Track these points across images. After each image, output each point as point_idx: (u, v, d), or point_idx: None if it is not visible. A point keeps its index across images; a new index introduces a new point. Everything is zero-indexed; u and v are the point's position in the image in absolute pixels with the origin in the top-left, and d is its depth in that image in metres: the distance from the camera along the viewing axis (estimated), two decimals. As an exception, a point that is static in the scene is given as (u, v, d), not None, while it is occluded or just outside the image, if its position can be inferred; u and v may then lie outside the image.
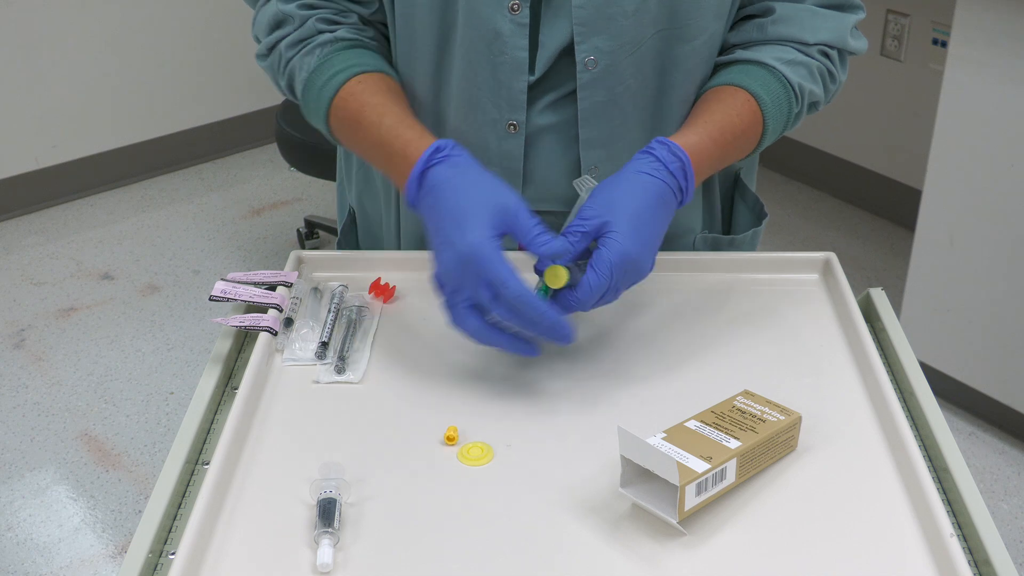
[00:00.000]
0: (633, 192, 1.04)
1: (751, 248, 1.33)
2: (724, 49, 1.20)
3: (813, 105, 1.21)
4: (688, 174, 1.07)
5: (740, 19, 1.20)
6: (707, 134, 1.11)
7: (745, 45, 1.19)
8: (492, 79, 1.14)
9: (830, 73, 1.20)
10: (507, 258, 0.99)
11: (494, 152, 1.17)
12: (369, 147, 1.15)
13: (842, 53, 1.21)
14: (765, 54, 1.16)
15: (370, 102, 1.14)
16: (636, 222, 1.02)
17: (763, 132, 1.17)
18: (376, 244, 1.34)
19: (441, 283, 1.03)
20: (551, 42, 1.13)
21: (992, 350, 2.53)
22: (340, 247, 1.36)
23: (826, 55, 1.19)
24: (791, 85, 1.16)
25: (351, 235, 1.37)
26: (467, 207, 1.01)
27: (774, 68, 1.16)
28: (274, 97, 3.83)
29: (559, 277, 1.01)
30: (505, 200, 1.02)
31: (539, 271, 1.04)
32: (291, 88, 1.20)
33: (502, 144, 1.16)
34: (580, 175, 1.18)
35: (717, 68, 1.19)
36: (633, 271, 1.03)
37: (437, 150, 1.06)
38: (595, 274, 1.00)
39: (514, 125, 1.15)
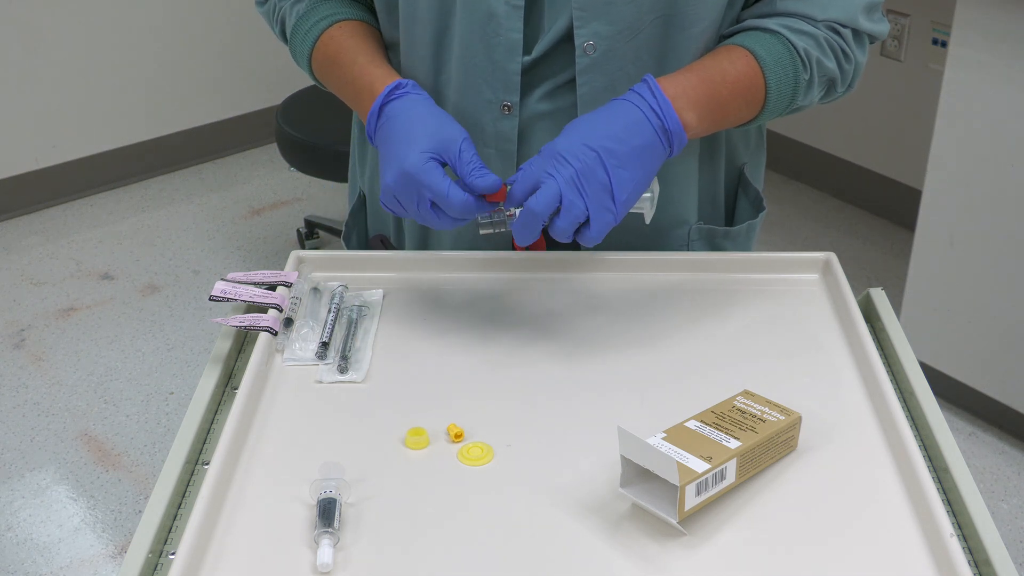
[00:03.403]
0: (587, 116, 1.08)
1: (748, 240, 1.33)
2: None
3: (831, 84, 1.19)
4: (656, 91, 1.08)
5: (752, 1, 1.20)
6: (691, 72, 1.12)
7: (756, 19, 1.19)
8: (487, 60, 1.15)
9: (843, 51, 1.18)
10: (445, 174, 1.07)
11: (490, 133, 1.19)
12: (342, 84, 1.23)
13: (857, 33, 1.19)
14: (770, 22, 1.16)
15: (346, 44, 1.23)
16: (573, 128, 1.07)
17: (766, 90, 1.15)
18: (383, 227, 1.36)
19: (387, 200, 1.11)
20: (552, 26, 1.15)
21: (992, 350, 2.53)
22: (348, 228, 1.39)
23: (837, 32, 1.18)
24: (796, 49, 1.15)
25: (360, 216, 1.39)
26: (412, 133, 1.10)
27: (778, 32, 1.15)
28: (274, 97, 3.83)
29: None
30: (449, 133, 1.09)
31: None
32: (284, 34, 1.30)
33: (497, 125, 1.18)
34: None
35: (721, 39, 1.19)
36: (559, 161, 1.04)
37: (398, 87, 1.14)
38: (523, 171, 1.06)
39: (508, 106, 1.17)
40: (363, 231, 1.39)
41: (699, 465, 0.89)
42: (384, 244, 1.35)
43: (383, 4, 1.23)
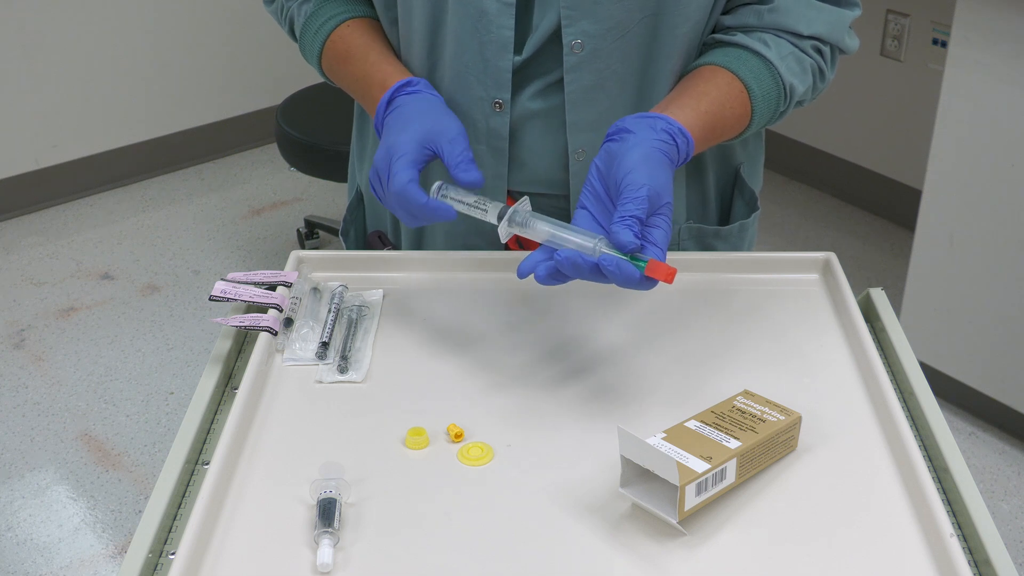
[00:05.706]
0: (656, 165, 1.03)
1: (740, 240, 1.33)
2: (719, 30, 1.20)
3: (798, 104, 1.21)
4: (688, 157, 1.09)
5: (738, 4, 1.20)
6: (701, 125, 1.12)
7: (742, 30, 1.19)
8: (479, 57, 1.16)
9: (820, 71, 1.20)
10: (411, 162, 1.08)
11: (481, 129, 1.20)
12: (354, 80, 1.25)
13: (834, 50, 1.21)
14: (764, 47, 1.17)
15: (358, 42, 1.25)
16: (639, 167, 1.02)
17: (747, 127, 1.18)
18: (380, 224, 1.37)
19: (371, 177, 1.13)
20: (541, 24, 1.15)
21: (992, 350, 2.53)
22: (346, 223, 1.39)
23: (819, 51, 1.19)
24: (783, 84, 1.17)
25: (358, 212, 1.39)
26: (411, 121, 1.12)
27: (772, 64, 1.16)
28: (274, 97, 3.83)
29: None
30: (445, 124, 1.11)
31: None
32: (292, 32, 1.32)
33: (488, 122, 1.19)
34: (568, 159, 1.20)
35: (713, 44, 1.20)
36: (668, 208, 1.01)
37: (409, 83, 1.18)
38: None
39: (499, 103, 1.18)
40: (361, 227, 1.40)
41: (699, 465, 0.89)
42: (382, 240, 1.35)
43: (381, 2, 1.24)
